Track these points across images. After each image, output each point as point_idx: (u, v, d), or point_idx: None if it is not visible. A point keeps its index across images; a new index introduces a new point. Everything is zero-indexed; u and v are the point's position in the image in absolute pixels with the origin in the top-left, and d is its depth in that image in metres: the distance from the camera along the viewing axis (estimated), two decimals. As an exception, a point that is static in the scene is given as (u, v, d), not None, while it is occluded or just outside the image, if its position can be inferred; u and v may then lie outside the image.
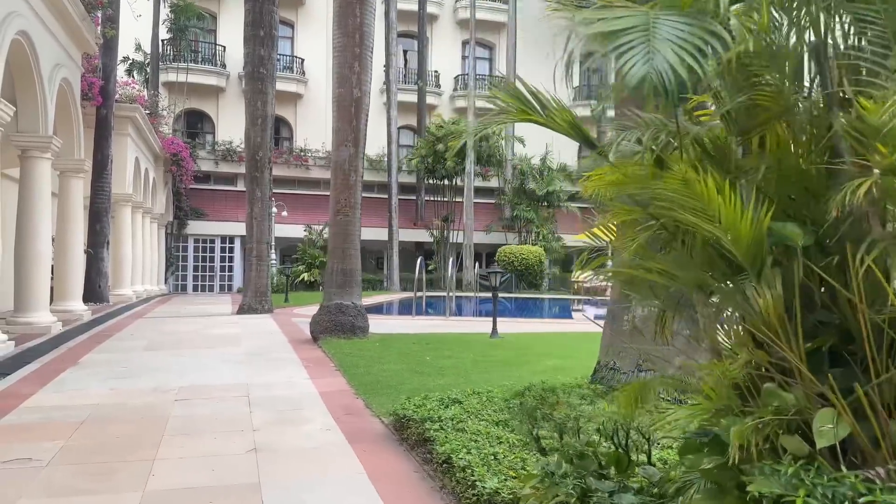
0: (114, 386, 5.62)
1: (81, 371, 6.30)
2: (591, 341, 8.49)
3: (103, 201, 15.13)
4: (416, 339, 8.44)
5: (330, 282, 8.18)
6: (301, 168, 29.33)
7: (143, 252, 19.50)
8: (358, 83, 8.04)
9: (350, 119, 8.04)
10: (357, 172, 8.15)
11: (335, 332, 7.87)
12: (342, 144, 8.06)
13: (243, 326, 10.22)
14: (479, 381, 5.69)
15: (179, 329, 9.76)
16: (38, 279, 9.21)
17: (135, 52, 26.26)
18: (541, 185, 28.07)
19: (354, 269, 8.18)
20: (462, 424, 3.56)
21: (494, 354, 7.20)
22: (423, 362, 6.69)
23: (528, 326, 10.44)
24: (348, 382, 5.76)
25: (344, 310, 7.95)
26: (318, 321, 8.01)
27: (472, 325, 10.82)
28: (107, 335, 9.02)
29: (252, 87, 12.48)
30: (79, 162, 11.27)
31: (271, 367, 6.51)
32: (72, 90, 10.76)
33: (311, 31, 30.37)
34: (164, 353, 7.46)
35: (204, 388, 5.54)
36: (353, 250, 8.20)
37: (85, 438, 4.05)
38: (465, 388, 5.32)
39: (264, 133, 12.54)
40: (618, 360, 4.03)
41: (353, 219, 8.15)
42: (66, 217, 11.24)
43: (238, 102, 29.62)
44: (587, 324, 11.85)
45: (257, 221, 12.52)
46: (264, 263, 12.63)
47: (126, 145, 16.66)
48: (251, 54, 12.42)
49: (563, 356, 7.15)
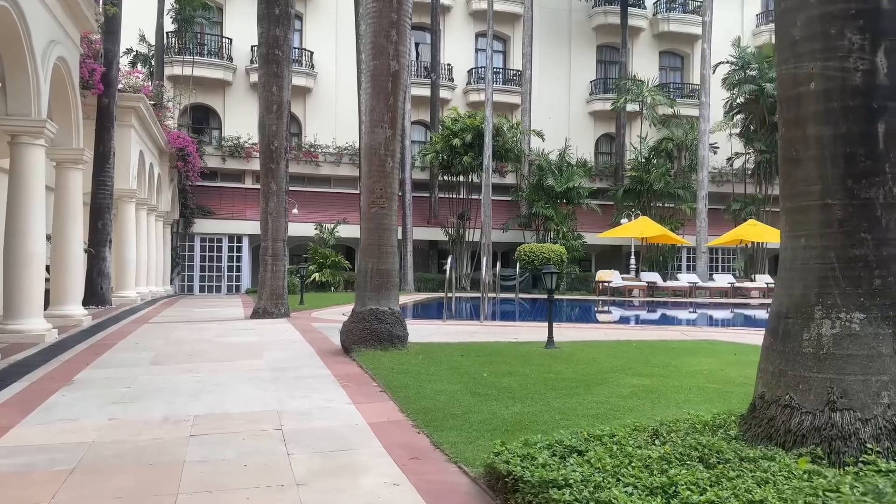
0: (114, 414, 4.57)
1: (76, 393, 5.25)
2: (658, 351, 7.42)
3: (105, 197, 14.10)
4: (461, 349, 7.37)
5: (363, 284, 7.11)
6: (311, 164, 28.31)
7: (148, 251, 18.49)
8: (395, 55, 6.97)
9: (387, 96, 6.97)
10: (394, 158, 7.09)
11: (370, 342, 6.80)
12: (377, 126, 6.99)
13: (261, 333, 9.16)
14: (562, 407, 4.62)
15: (189, 337, 8.71)
16: (30, 282, 8.18)
17: (139, 43, 25.25)
18: (560, 181, 26.96)
19: (391, 269, 7.11)
20: (604, 495, 2.48)
21: (560, 370, 6.13)
22: (481, 381, 5.62)
23: (575, 332, 9.37)
24: (401, 409, 4.69)
25: (380, 316, 6.88)
26: (350, 330, 6.94)
27: (513, 332, 9.76)
28: (108, 344, 7.97)
29: (266, 71, 11.40)
30: (77, 152, 10.24)
31: (303, 388, 5.45)
32: (69, 71, 9.73)
33: (320, 22, 29.33)
34: (174, 368, 6.41)
35: (225, 418, 4.49)
36: (390, 248, 7.13)
37: (73, 500, 2.99)
38: (552, 418, 4.26)
39: (280, 121, 11.47)
40: (796, 395, 2.95)
41: (390, 211, 7.08)
42: (64, 212, 10.21)
43: (246, 97, 28.60)
44: (636, 329, 10.78)
45: (273, 217, 11.44)
46: (280, 263, 11.54)
47: (129, 137, 15.64)
48: (265, 34, 11.34)
49: (643, 372, 6.07)
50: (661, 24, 33.53)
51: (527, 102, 28.94)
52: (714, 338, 9.28)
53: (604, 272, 22.96)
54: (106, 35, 14.18)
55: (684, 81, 34.95)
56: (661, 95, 29.04)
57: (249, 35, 28.73)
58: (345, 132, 28.89)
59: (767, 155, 29.05)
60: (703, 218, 26.54)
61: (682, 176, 29.41)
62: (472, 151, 25.53)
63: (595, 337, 9.10)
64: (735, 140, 31.41)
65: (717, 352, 7.65)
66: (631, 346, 7.91)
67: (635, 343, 8.18)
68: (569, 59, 33.06)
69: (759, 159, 29.36)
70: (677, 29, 33.56)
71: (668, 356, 7.11)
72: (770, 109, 28.43)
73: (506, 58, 32.75)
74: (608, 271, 23.38)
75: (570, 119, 32.62)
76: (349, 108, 28.35)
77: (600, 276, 22.69)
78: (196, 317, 12.25)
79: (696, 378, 5.82)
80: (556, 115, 31.72)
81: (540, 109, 30.03)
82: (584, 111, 33.11)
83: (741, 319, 17.54)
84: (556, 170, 27.50)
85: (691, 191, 28.59)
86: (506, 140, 26.99)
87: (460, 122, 25.99)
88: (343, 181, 29.51)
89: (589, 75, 33.39)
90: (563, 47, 32.95)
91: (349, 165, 29.02)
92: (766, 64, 28.58)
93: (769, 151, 28.97)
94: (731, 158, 31.62)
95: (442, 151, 25.94)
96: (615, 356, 7.07)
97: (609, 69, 34.52)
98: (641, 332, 10.25)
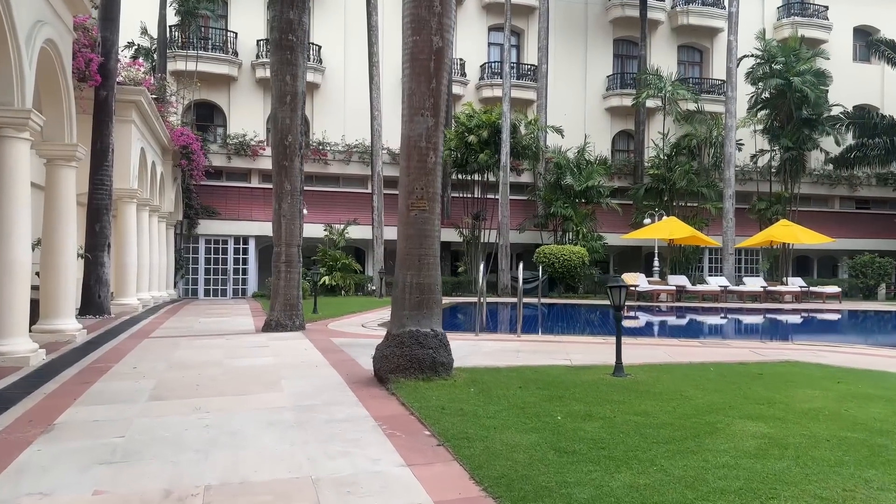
0: (99, 484, 3.49)
1: (55, 445, 4.18)
2: (744, 378, 6.17)
3: (103, 197, 13.04)
4: (515, 377, 6.25)
5: (401, 301, 6.00)
6: (319, 163, 27.24)
7: (150, 255, 17.43)
8: (439, 28, 5.88)
9: (428, 78, 5.88)
10: (437, 151, 5.98)
11: (410, 370, 5.71)
12: (417, 113, 5.90)
13: (277, 353, 8.07)
14: (685, 476, 3.53)
15: (195, 359, 7.63)
16: (12, 295, 7.11)
17: (140, 36, 24.20)
18: (580, 179, 25.82)
19: (433, 283, 6.01)
20: None
21: (648, 410, 5.03)
22: (558, 427, 4.53)
23: (633, 351, 8.25)
24: (471, 476, 3.59)
25: (422, 340, 5.78)
26: (386, 356, 5.85)
27: (561, 350, 8.66)
28: (102, 369, 6.90)
29: (279, 58, 10.29)
30: (69, 147, 9.16)
31: (339, 438, 4.35)
32: (60, 57, 8.65)
33: (327, 15, 28.23)
34: (178, 405, 5.33)
35: (245, 491, 3.40)
36: (433, 258, 6.03)
37: None
38: (681, 497, 3.16)
39: (294, 113, 10.36)
40: None
41: (433, 215, 5.98)
42: (55, 215, 9.13)
43: (251, 92, 27.53)
44: (697, 346, 9.68)
45: (286, 220, 10.34)
46: (295, 271, 10.42)
47: (130, 133, 14.57)
48: (278, 18, 10.23)
49: (751, 413, 4.96)
50: (679, 16, 32.34)
51: (543, 98, 27.81)
52: (792, 357, 8.16)
53: (629, 275, 21.82)
54: (103, 22, 13.12)
55: (703, 76, 33.75)
56: (684, 90, 27.87)
57: (255, 29, 27.71)
58: (354, 129, 27.83)
59: (794, 151, 27.89)
60: (729, 218, 25.39)
61: (704, 174, 28.26)
62: (488, 149, 24.43)
63: (658, 357, 7.99)
64: (759, 137, 30.24)
65: (813, 379, 6.54)
66: (710, 372, 6.81)
67: (712, 367, 7.07)
68: (584, 54, 31.91)
69: (785, 156, 28.19)
70: (697, 22, 32.36)
71: (763, 387, 6.01)
72: (797, 104, 27.28)
73: (520, 52, 31.62)
74: (633, 274, 22.24)
75: (585, 115, 31.47)
76: (358, 105, 27.29)
77: (625, 279, 21.52)
78: (201, 329, 11.18)
79: (822, 422, 4.72)
80: (571, 112, 30.58)
81: (555, 105, 28.90)
82: (600, 107, 31.96)
83: (799, 329, 16.41)
84: (575, 167, 26.37)
85: (716, 189, 27.42)
86: (522, 137, 25.88)
87: (476, 118, 24.88)
88: (352, 180, 28.45)
89: (605, 70, 32.22)
90: (578, 41, 31.79)
91: (359, 164, 27.96)
92: (794, 57, 27.42)
93: (796, 148, 27.81)
94: (755, 155, 30.44)
95: (456, 149, 24.84)
96: (701, 387, 5.96)
97: (626, 64, 33.35)
98: (705, 349, 9.14)
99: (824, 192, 33.12)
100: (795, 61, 27.26)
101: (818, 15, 33.94)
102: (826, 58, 28.76)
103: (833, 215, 32.90)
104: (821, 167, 31.95)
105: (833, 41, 33.38)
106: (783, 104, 27.75)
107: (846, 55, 34.41)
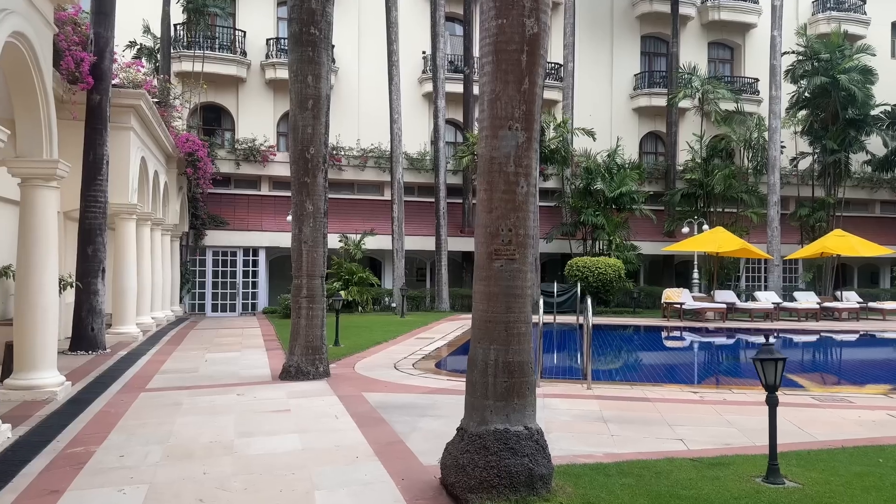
0: None
1: None
2: None
3: (96, 216, 11.47)
4: (631, 486, 4.57)
5: (482, 387, 4.34)
6: (334, 169, 25.67)
7: (153, 273, 15.89)
8: (533, 8, 4.26)
9: (519, 76, 4.24)
10: (529, 178, 4.33)
11: (500, 488, 4.07)
12: (503, 126, 4.26)
13: (302, 426, 6.40)
14: None
15: (200, 438, 5.98)
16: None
17: (143, 35, 22.68)
18: (611, 185, 24.12)
19: (527, 361, 4.36)
20: None
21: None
22: None
23: (743, 413, 6.58)
24: None
25: (513, 444, 4.15)
26: (462, 466, 4.20)
27: (656, 417, 6.98)
28: (77, 461, 5.29)
29: (299, 56, 8.65)
30: (48, 164, 7.58)
31: None
32: (34, 55, 7.07)
33: (340, 12, 26.56)
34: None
35: None
36: (524, 325, 4.38)
37: None
38: None
39: (316, 121, 8.72)
40: None
41: (524, 265, 4.36)
42: (32, 243, 7.55)
43: (261, 95, 25.98)
44: (829, 406, 7.98)
45: (308, 247, 8.69)
46: (318, 307, 8.76)
47: (128, 141, 13.02)
48: (298, 7, 8.58)
49: None
50: (710, 12, 30.58)
51: (569, 98, 26.18)
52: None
53: (671, 291, 20.08)
54: (96, 17, 11.58)
55: (734, 74, 31.96)
56: (723, 88, 26.11)
57: (265, 27, 26.15)
58: (369, 133, 26.30)
59: (839, 154, 26.09)
60: (774, 227, 23.64)
61: (743, 178, 26.49)
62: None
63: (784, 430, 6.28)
64: (798, 139, 28.46)
65: None
66: (884, 467, 5.11)
67: (881, 459, 5.36)
68: (610, 51, 30.18)
69: (829, 159, 26.39)
70: (729, 17, 30.60)
71: None
72: (843, 104, 25.49)
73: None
74: (676, 290, 20.49)
75: (612, 116, 29.76)
76: (373, 107, 25.76)
77: (668, 295, 19.81)
78: (208, 373, 9.57)
79: None
80: (597, 112, 28.86)
81: (580, 106, 27.22)
82: (627, 107, 30.25)
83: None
84: (606, 172, 24.68)
85: (757, 195, 25.67)
86: (550, 140, 24.23)
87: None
88: (368, 186, 26.91)
89: (633, 68, 30.51)
90: (604, 38, 30.06)
91: (374, 169, 26.41)
92: (839, 54, 25.63)
93: (841, 150, 26.02)
94: (795, 158, 28.63)
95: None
96: None
97: (654, 62, 31.65)
98: (827, 413, 7.44)
99: (864, 196, 31.27)
100: (840, 58, 25.48)
101: (855, 9, 32.10)
102: (872, 54, 26.94)
103: (873, 220, 31.06)
104: (861, 170, 30.12)
105: (870, 36, 31.52)
106: (827, 104, 25.96)
107: (884, 51, 32.52)
